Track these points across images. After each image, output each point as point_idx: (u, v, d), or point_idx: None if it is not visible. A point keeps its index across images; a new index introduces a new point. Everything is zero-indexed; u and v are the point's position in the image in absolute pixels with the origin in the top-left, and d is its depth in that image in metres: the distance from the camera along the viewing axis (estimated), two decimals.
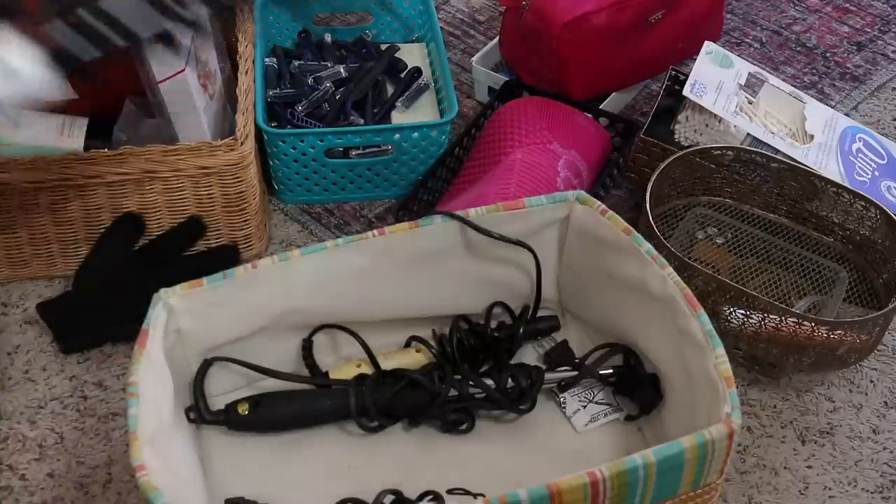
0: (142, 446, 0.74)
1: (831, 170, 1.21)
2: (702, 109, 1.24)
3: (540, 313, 1.00)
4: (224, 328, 0.90)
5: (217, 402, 0.92)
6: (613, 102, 1.37)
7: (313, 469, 0.90)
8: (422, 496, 0.80)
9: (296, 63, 1.34)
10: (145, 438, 0.75)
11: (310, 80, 1.30)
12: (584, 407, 0.95)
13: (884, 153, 1.28)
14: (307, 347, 0.96)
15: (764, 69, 1.36)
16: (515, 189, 1.12)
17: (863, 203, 1.14)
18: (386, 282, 0.94)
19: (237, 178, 1.11)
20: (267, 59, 1.33)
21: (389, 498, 0.86)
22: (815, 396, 1.07)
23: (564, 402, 0.96)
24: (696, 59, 1.29)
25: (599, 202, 0.93)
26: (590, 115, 1.29)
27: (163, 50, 0.82)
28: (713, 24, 1.45)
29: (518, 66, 1.39)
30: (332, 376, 0.95)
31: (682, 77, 1.30)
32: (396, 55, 1.36)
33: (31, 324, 1.12)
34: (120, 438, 1.02)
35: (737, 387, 0.77)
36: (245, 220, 1.16)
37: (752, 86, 1.29)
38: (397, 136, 1.22)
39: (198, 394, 0.90)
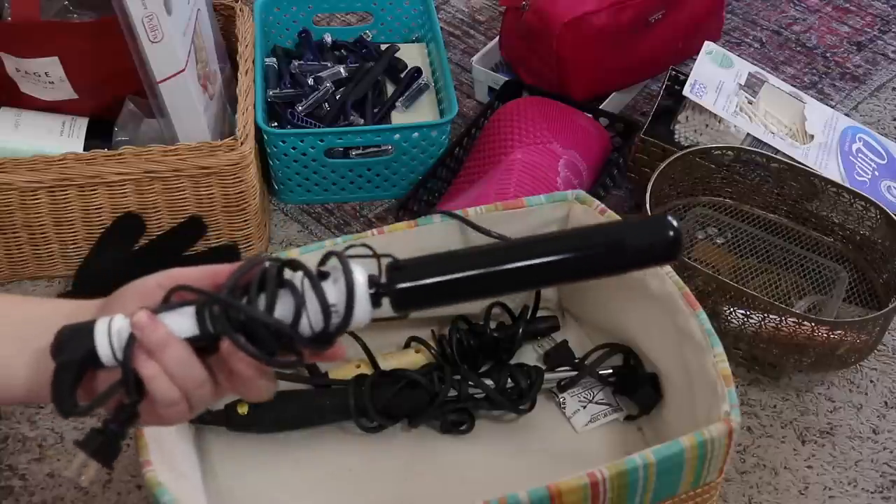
0: (148, 442, 0.74)
1: (831, 170, 1.21)
2: (702, 109, 1.24)
3: (539, 313, 1.00)
4: None
5: (216, 402, 0.92)
6: (613, 102, 1.37)
7: (313, 469, 0.90)
8: None
9: (296, 63, 1.34)
10: (151, 436, 0.75)
11: (310, 80, 1.30)
12: (584, 407, 0.95)
13: (884, 153, 1.28)
14: None
15: (764, 69, 1.36)
16: (515, 189, 1.12)
17: (863, 203, 1.14)
18: None
19: (237, 178, 1.11)
20: (267, 59, 1.33)
21: None
22: (815, 396, 1.07)
23: (564, 403, 0.95)
24: (696, 59, 1.29)
25: (598, 201, 0.93)
26: (590, 115, 1.29)
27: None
28: (713, 24, 1.45)
29: (518, 66, 1.39)
30: (331, 376, 0.94)
31: (682, 77, 1.30)
32: (396, 55, 1.36)
33: None
34: None
35: (737, 387, 0.77)
36: (245, 221, 1.16)
37: (752, 86, 1.29)
38: (397, 136, 1.22)
39: None
